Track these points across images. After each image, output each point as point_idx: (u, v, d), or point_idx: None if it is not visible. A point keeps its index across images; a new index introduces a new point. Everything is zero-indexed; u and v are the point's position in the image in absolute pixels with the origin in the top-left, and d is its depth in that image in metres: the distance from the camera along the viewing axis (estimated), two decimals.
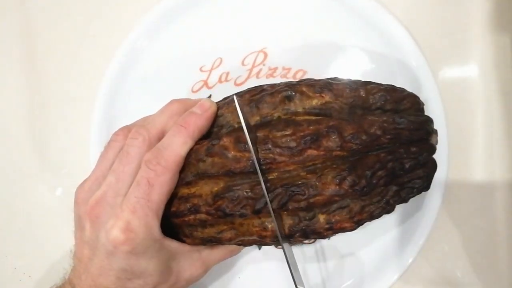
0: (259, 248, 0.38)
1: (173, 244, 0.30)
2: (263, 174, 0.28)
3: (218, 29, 0.41)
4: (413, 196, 0.29)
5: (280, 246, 0.30)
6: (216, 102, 0.32)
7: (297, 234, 0.29)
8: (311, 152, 0.27)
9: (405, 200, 0.29)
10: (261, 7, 0.41)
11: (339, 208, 0.28)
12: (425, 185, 0.30)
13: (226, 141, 0.28)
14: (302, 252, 0.38)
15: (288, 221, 0.29)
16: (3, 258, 0.43)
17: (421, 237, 0.36)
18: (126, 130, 0.32)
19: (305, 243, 0.38)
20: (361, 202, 0.28)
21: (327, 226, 0.28)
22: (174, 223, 0.30)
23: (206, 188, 0.29)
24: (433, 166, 0.30)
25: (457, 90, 0.39)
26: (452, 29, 0.40)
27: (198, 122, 0.30)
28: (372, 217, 0.29)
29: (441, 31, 0.40)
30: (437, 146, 0.37)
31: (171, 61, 0.41)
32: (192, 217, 0.29)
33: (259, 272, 0.38)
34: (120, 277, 0.28)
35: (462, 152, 0.38)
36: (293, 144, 0.27)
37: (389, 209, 0.29)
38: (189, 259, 0.31)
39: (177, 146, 0.29)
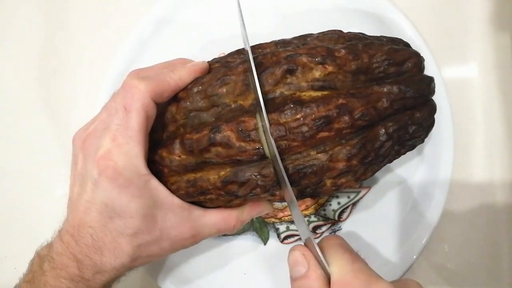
0: (265, 244, 0.38)
1: (160, 188, 0.29)
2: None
3: (221, 27, 0.41)
4: (411, 150, 0.31)
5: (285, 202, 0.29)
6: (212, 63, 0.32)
7: (302, 196, 0.30)
8: (323, 134, 0.27)
9: (404, 153, 0.31)
10: (264, 6, 0.41)
11: (345, 173, 0.28)
12: (423, 138, 0.31)
13: (227, 130, 0.28)
14: None
15: (295, 190, 0.29)
16: (3, 258, 0.43)
17: (422, 238, 0.36)
18: None
19: None
20: (365, 166, 0.29)
21: (333, 188, 0.29)
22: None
23: (212, 173, 0.29)
24: (431, 125, 0.31)
25: (457, 89, 0.39)
26: (453, 29, 0.40)
27: (183, 70, 0.31)
28: (375, 173, 0.30)
29: (441, 31, 0.40)
30: (442, 147, 0.37)
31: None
32: (202, 197, 0.30)
33: (265, 268, 0.38)
34: (101, 213, 0.28)
35: (462, 152, 0.38)
36: (305, 129, 0.27)
37: (390, 162, 0.31)
38: (177, 216, 0.30)
39: (159, 79, 0.29)
